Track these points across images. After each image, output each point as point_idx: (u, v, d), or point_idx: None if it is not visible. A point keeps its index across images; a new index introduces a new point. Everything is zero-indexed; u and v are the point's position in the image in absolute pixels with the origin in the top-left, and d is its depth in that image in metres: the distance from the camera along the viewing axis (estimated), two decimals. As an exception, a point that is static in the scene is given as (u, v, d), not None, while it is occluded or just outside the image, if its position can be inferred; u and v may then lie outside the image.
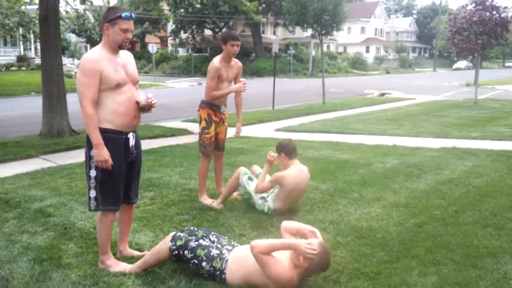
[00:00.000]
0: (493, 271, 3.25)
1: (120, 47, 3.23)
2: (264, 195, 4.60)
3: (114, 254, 3.50)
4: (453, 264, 3.36)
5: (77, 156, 7.50)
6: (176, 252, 3.12)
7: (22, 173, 6.45)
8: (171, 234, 3.24)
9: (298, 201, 4.70)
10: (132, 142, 3.34)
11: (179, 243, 3.13)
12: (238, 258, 3.07)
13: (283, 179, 4.43)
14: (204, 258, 3.08)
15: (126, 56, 3.36)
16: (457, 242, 3.74)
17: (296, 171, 4.50)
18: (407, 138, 9.00)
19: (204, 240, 3.24)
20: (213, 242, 3.26)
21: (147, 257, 3.28)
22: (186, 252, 3.10)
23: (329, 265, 3.01)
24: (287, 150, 4.52)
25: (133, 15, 3.24)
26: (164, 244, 3.19)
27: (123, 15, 3.14)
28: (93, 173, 3.22)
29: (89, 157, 3.22)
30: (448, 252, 3.56)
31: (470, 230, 4.01)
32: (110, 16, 3.16)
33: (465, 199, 4.89)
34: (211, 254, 3.10)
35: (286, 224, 3.33)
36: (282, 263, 2.92)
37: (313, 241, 2.94)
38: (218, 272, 3.06)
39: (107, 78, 3.13)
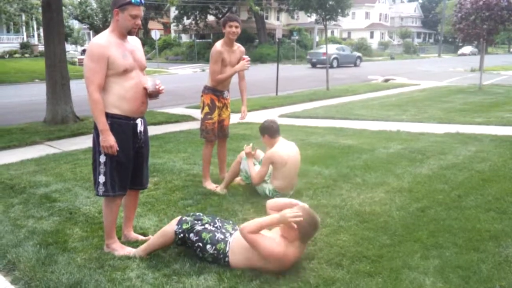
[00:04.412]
0: (495, 254, 3.27)
1: (130, 33, 3.23)
2: (266, 178, 4.60)
3: (119, 239, 3.54)
4: (455, 247, 3.38)
5: (82, 143, 7.54)
6: (181, 235, 3.15)
7: (27, 159, 6.50)
8: (177, 218, 3.27)
9: (296, 177, 4.65)
10: (140, 127, 3.35)
11: (185, 226, 3.16)
12: (239, 241, 3.09)
13: (273, 156, 4.46)
14: (209, 241, 3.11)
15: (134, 42, 3.35)
16: (460, 226, 3.76)
17: (284, 145, 4.55)
18: (411, 124, 8.97)
19: (210, 225, 3.27)
20: (217, 228, 3.30)
21: (152, 240, 3.32)
22: (191, 235, 3.13)
23: (318, 222, 3.08)
24: (270, 132, 4.55)
25: (142, 0, 3.20)
26: (170, 227, 3.22)
27: (133, 1, 3.11)
28: (102, 158, 3.23)
29: (98, 143, 3.23)
30: (450, 236, 3.57)
31: (472, 214, 4.02)
32: (119, 2, 3.13)
33: (468, 184, 4.89)
34: (216, 238, 3.13)
35: (270, 202, 3.44)
36: (273, 239, 2.99)
37: (294, 208, 3.03)
38: (221, 255, 3.10)
39: (115, 64, 3.13)
